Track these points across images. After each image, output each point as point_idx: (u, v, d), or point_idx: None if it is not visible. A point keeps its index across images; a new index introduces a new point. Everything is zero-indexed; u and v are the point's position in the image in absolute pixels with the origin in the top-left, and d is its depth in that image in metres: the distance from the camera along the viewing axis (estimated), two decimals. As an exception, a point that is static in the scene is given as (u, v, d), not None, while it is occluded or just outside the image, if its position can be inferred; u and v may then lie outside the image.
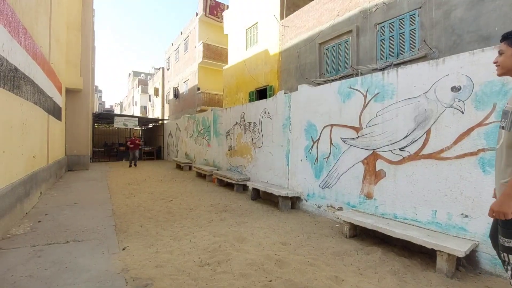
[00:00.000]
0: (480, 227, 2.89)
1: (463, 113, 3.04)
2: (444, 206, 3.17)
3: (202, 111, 15.84)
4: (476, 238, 2.90)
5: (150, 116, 31.39)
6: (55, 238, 3.53)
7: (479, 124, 2.92)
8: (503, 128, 1.73)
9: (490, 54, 2.88)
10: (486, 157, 2.85)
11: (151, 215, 4.74)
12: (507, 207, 1.57)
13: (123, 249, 3.26)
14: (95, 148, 16.49)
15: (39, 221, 4.22)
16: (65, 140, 10.18)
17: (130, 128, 17.72)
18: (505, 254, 1.79)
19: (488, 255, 2.81)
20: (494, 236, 1.93)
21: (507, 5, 5.31)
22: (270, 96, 10.42)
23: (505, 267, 1.81)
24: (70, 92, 10.36)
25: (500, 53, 1.77)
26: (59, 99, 8.32)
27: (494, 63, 1.82)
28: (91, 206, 5.27)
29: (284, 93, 5.97)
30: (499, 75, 1.81)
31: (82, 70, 10.75)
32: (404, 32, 6.97)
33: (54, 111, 7.49)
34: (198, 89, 17.62)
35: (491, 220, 2.82)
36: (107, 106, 71.83)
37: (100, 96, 60.68)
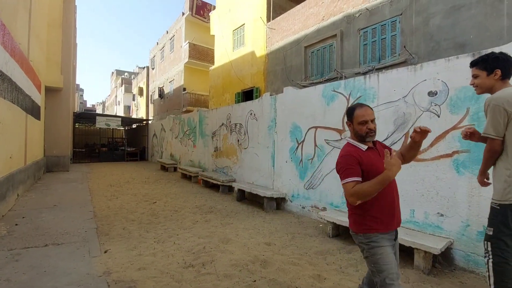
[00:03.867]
0: (454, 225, 3.03)
1: (439, 116, 3.19)
2: (421, 205, 3.31)
3: (188, 111, 15.68)
4: (451, 236, 3.04)
5: (134, 116, 30.70)
6: (33, 242, 3.41)
7: (454, 127, 3.08)
8: None
9: (464, 61, 3.03)
10: (460, 158, 3.01)
11: (134, 217, 4.66)
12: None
13: (105, 252, 3.20)
14: (75, 148, 15.97)
15: (16, 224, 4.06)
16: (44, 140, 9.81)
17: (113, 128, 17.29)
18: (485, 242, 1.94)
19: (462, 252, 2.96)
20: None
21: (481, 14, 5.60)
22: (256, 98, 10.46)
23: (485, 254, 1.94)
24: (50, 91, 10.00)
25: (475, 76, 2.03)
26: (38, 98, 8.02)
27: (471, 84, 2.08)
28: (71, 208, 5.12)
29: (270, 95, 6.02)
30: (479, 93, 2.07)
31: (63, 68, 10.41)
32: (385, 38, 7.20)
33: (33, 110, 7.22)
34: (184, 89, 17.43)
35: (465, 218, 2.99)
36: (89, 105, 69.61)
37: (82, 95, 58.71)
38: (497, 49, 2.84)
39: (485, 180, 2.06)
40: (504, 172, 1.84)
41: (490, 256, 1.90)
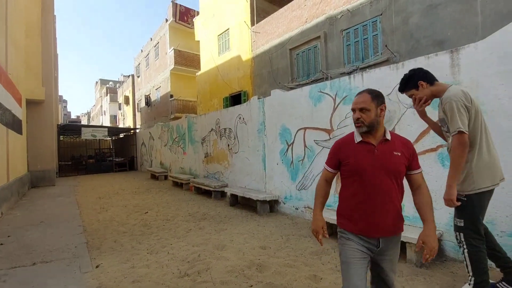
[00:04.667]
0: (443, 217, 3.11)
1: (422, 112, 3.28)
2: (411, 200, 3.33)
3: (176, 118, 15.54)
4: (440, 228, 3.12)
5: (120, 125, 30.16)
6: (21, 261, 3.29)
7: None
8: (447, 132, 2.10)
9: (443, 58, 3.15)
10: (445, 152, 3.10)
11: (126, 229, 4.57)
12: (450, 195, 1.95)
13: (97, 266, 3.12)
14: (61, 162, 15.52)
15: (1, 244, 3.91)
16: (28, 155, 9.50)
17: (99, 139, 16.92)
18: (457, 233, 2.08)
19: (451, 243, 3.04)
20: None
21: (456, 12, 5.81)
22: (244, 101, 10.49)
23: (459, 244, 2.07)
24: (32, 103, 9.71)
25: (411, 96, 2.20)
26: (19, 111, 7.78)
27: (414, 99, 2.21)
28: (59, 224, 4.97)
29: (258, 98, 6.05)
30: (429, 104, 2.21)
31: (44, 79, 10.14)
32: (367, 38, 7.37)
33: (14, 124, 6.99)
34: (171, 96, 17.28)
35: (452, 211, 3.07)
36: (73, 116, 68.03)
37: (65, 106, 57.30)
38: (473, 46, 2.96)
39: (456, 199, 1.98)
40: (465, 165, 1.97)
41: (465, 246, 2.02)
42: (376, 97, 1.59)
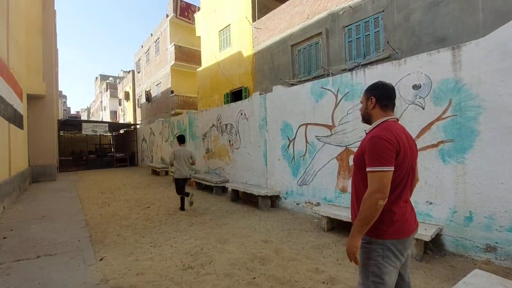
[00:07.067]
0: (443, 212, 3.16)
1: (423, 109, 3.31)
2: (411, 195, 3.41)
3: (176, 114, 15.53)
4: (440, 223, 3.16)
5: (121, 121, 30.14)
6: (24, 254, 3.33)
7: (438, 119, 3.20)
8: None
9: (445, 55, 3.16)
10: (445, 148, 3.13)
11: (128, 223, 4.61)
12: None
13: (101, 259, 3.16)
14: (61, 157, 15.54)
15: (4, 238, 3.95)
16: (28, 150, 9.52)
17: (100, 135, 16.93)
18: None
19: (451, 237, 3.08)
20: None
21: (458, 9, 5.81)
22: (245, 98, 10.48)
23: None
24: (33, 98, 9.70)
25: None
26: (20, 106, 7.78)
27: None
28: (62, 218, 5.01)
29: (260, 94, 6.06)
30: None
31: (45, 74, 10.12)
32: (369, 34, 7.36)
33: (15, 119, 7.01)
34: (172, 92, 17.25)
35: (452, 205, 3.11)
36: (73, 112, 67.91)
37: (65, 102, 57.10)
38: (474, 43, 2.97)
39: None
40: None
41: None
42: (367, 90, 1.60)
